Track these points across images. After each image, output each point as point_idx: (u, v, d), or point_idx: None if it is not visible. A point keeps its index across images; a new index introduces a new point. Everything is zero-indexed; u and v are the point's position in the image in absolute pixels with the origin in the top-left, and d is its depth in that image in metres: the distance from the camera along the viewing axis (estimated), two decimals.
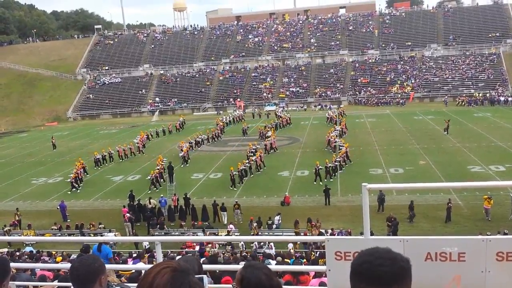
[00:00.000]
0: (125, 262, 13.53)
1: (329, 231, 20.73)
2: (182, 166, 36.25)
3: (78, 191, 32.23)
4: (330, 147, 37.79)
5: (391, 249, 1.88)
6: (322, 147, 39.58)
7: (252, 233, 22.07)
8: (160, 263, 1.89)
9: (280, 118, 54.02)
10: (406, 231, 20.77)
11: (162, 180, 32.23)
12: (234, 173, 30.56)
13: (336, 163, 31.18)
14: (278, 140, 44.57)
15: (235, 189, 30.02)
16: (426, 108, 60.69)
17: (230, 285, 4.81)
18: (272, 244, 19.81)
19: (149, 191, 30.32)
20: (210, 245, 20.16)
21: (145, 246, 18.25)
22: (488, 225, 21.29)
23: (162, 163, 33.52)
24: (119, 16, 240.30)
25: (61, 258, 15.98)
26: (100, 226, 24.39)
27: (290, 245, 19.63)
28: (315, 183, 29.47)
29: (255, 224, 22.73)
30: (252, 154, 34.87)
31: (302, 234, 21.07)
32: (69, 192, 31.91)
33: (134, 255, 16.86)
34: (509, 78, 67.10)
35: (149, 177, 31.71)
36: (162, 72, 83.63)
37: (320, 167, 29.95)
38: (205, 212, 25.23)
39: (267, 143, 39.68)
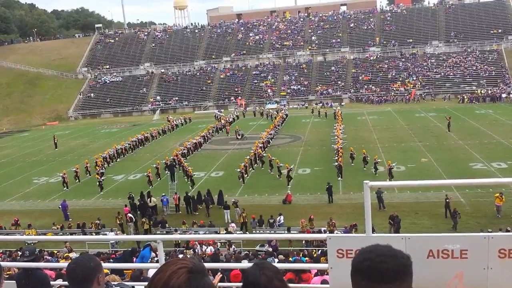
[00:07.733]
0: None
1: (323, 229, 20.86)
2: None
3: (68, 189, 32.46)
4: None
5: (393, 246, 1.87)
6: (323, 145, 39.50)
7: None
8: (175, 261, 1.84)
9: (277, 116, 54.41)
10: (408, 229, 20.73)
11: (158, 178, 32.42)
12: (252, 171, 30.72)
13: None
14: (279, 138, 44.66)
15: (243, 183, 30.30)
16: (428, 105, 60.56)
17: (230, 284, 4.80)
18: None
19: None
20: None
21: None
22: (490, 223, 21.24)
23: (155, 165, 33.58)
24: (120, 14, 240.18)
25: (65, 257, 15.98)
26: (97, 222, 24.54)
27: None
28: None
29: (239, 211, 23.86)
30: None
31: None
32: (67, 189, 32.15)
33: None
34: (511, 74, 66.92)
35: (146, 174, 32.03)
36: (163, 70, 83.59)
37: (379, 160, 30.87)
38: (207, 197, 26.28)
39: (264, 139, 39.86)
